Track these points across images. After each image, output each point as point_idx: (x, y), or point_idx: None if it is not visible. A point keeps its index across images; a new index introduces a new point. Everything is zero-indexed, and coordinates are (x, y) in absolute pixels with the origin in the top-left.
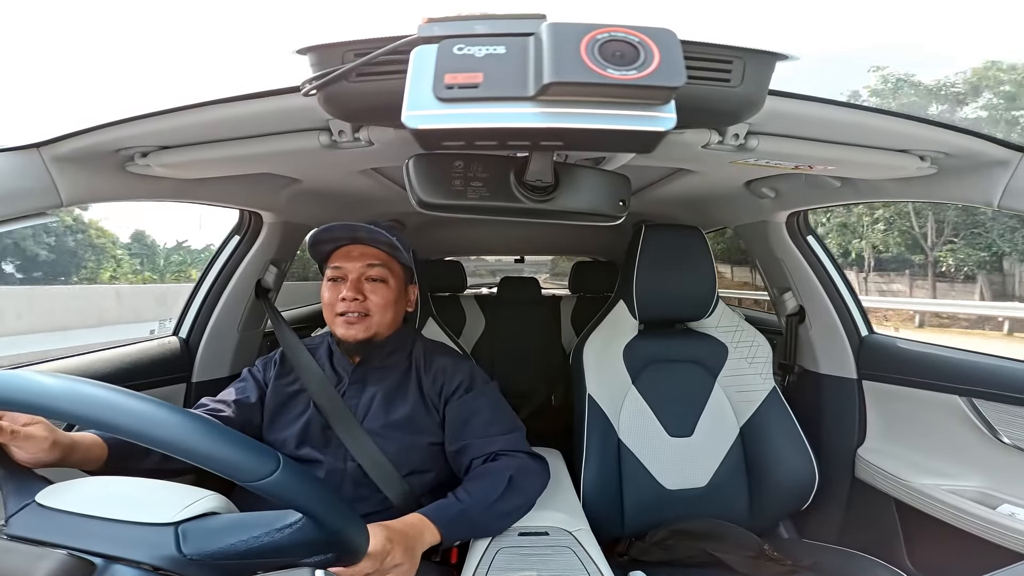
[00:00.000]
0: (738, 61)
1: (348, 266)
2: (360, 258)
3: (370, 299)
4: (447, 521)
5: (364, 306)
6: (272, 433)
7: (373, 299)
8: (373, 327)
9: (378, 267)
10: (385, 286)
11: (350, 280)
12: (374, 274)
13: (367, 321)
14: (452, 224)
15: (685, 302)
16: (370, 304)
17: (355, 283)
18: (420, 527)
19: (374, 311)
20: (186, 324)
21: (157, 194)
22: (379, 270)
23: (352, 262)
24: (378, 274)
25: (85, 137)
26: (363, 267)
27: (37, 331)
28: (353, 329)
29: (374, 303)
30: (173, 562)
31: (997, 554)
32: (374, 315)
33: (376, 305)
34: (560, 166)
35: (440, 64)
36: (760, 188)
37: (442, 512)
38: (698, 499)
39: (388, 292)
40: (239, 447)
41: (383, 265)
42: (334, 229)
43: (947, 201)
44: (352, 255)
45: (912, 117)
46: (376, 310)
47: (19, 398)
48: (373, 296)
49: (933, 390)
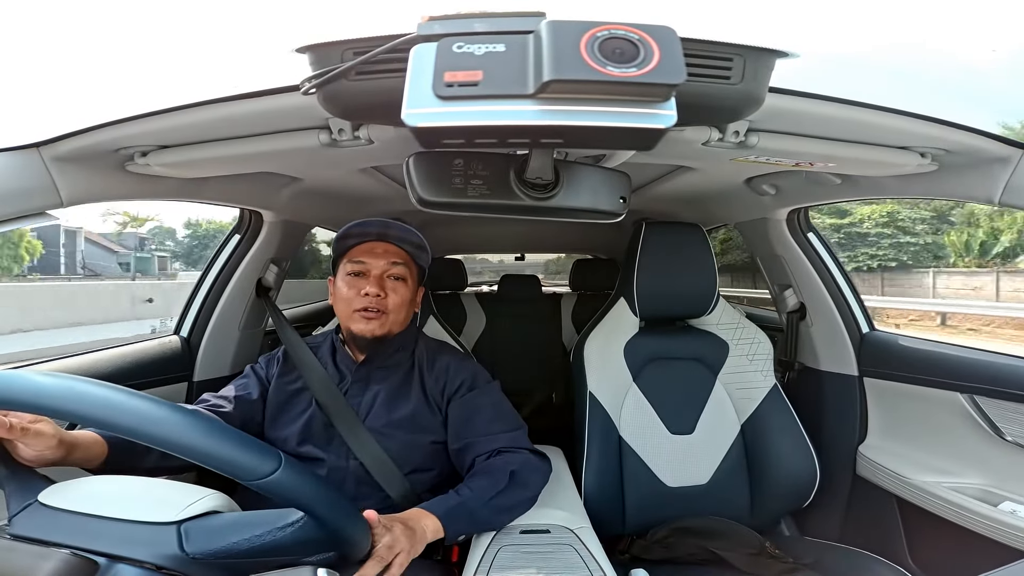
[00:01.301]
0: (738, 58)
1: (372, 262)
2: (384, 255)
3: (390, 297)
4: (447, 511)
5: (383, 303)
6: (274, 431)
7: (393, 297)
8: (388, 324)
9: (401, 266)
10: (404, 285)
11: (373, 276)
12: (396, 272)
13: (383, 318)
14: (452, 222)
15: (686, 299)
16: (389, 302)
17: (378, 279)
18: (419, 514)
19: (391, 309)
20: (187, 323)
21: (157, 193)
22: (401, 268)
23: (377, 259)
24: (400, 272)
25: (85, 137)
26: (387, 264)
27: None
28: (371, 324)
29: (393, 301)
30: (176, 561)
31: (998, 551)
32: (391, 313)
33: (394, 303)
34: (560, 164)
35: (440, 62)
36: (760, 185)
37: (442, 504)
38: (699, 496)
39: (406, 292)
40: (240, 446)
41: (405, 264)
42: (368, 224)
43: (948, 198)
44: (376, 252)
45: (913, 114)
46: (394, 308)
47: (22, 397)
48: (393, 294)
49: (935, 387)
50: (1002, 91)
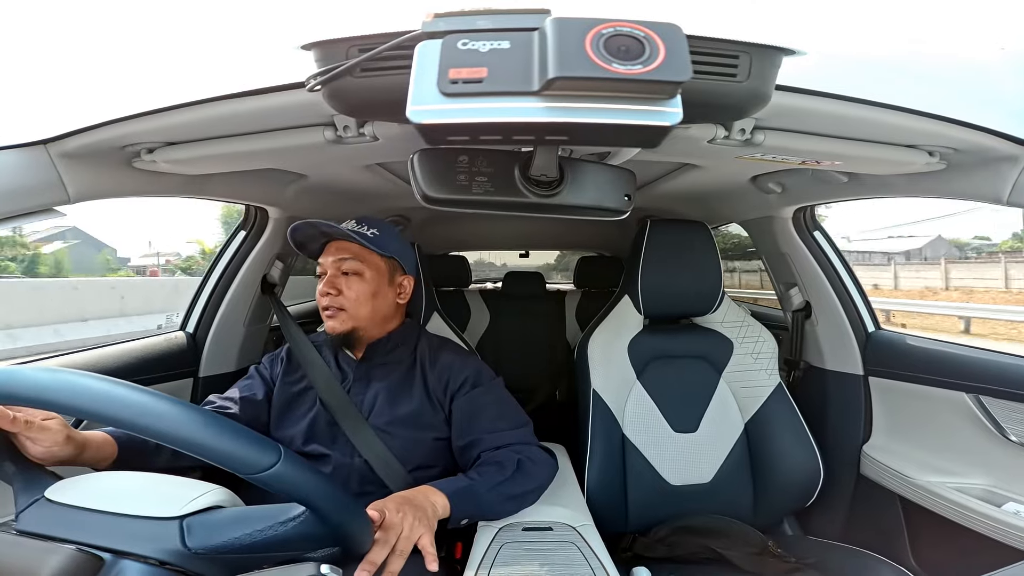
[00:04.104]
0: (744, 56)
1: (324, 261)
2: (335, 252)
3: (344, 293)
4: (455, 491)
5: (338, 300)
6: (280, 430)
7: (347, 293)
8: (349, 320)
9: (350, 260)
10: (359, 279)
11: (328, 275)
12: (347, 268)
13: (342, 315)
14: (457, 219)
15: (690, 297)
16: (343, 299)
17: (330, 279)
18: (427, 490)
19: (348, 305)
20: (193, 319)
21: (163, 190)
22: (352, 263)
23: (327, 257)
24: (351, 268)
25: (92, 134)
26: (336, 261)
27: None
28: (332, 322)
29: (348, 297)
30: (178, 556)
31: (1001, 552)
32: (348, 308)
33: (349, 299)
34: (565, 161)
35: (444, 59)
36: (766, 183)
37: (451, 484)
38: (702, 495)
39: (363, 285)
40: (239, 439)
41: (355, 258)
42: (297, 228)
43: (955, 197)
44: (329, 251)
45: (921, 112)
46: (350, 304)
47: (23, 393)
48: (347, 290)
49: (940, 387)
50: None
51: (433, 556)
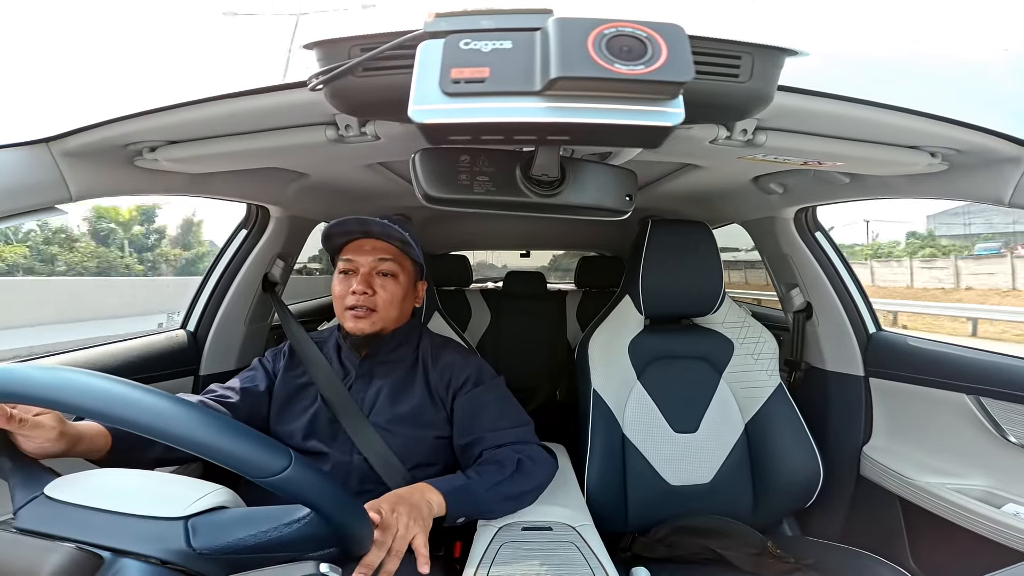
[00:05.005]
0: (747, 56)
1: (360, 260)
2: (372, 252)
3: (379, 294)
4: (452, 490)
5: (372, 300)
6: (280, 425)
7: (382, 294)
8: (379, 322)
9: (389, 262)
10: (395, 281)
11: (361, 274)
12: (385, 268)
13: (373, 316)
14: (458, 218)
15: (691, 298)
16: (378, 299)
17: (366, 277)
18: (423, 488)
19: (381, 306)
20: (194, 317)
21: (165, 188)
22: (390, 264)
23: (364, 256)
24: (389, 268)
25: (94, 132)
26: (374, 261)
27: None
28: (361, 323)
29: (382, 298)
30: (182, 556)
31: (1001, 553)
32: (380, 310)
33: (384, 300)
34: (566, 161)
35: (446, 59)
36: (768, 184)
37: (448, 483)
38: (702, 495)
39: (397, 288)
40: (251, 443)
41: (394, 260)
42: (346, 223)
43: (957, 199)
44: (364, 249)
45: (923, 113)
46: (383, 305)
47: (34, 392)
48: (382, 291)
49: (940, 388)
50: (1014, 91)
51: (425, 558)
